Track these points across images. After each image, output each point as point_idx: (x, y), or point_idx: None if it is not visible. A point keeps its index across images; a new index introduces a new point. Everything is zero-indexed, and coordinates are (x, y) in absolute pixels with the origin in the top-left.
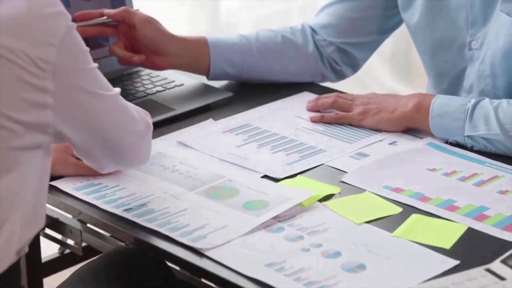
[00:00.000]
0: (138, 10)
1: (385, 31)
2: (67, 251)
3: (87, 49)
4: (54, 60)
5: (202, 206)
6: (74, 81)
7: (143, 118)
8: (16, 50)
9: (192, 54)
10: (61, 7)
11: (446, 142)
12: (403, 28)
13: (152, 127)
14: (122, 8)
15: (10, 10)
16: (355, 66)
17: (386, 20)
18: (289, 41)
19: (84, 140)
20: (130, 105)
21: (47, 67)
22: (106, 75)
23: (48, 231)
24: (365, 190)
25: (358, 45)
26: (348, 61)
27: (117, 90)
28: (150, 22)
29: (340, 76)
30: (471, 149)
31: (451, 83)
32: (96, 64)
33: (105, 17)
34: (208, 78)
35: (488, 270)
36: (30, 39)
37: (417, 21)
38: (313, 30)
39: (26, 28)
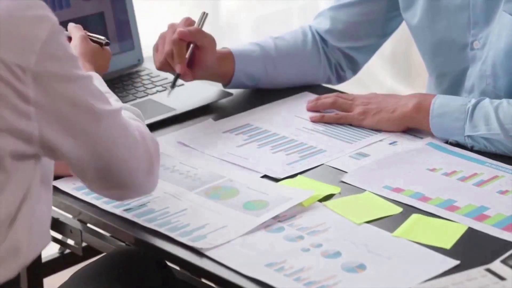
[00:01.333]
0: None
1: (387, 33)
2: (67, 251)
3: (77, 56)
4: (34, 67)
5: (202, 206)
6: (58, 90)
7: (146, 146)
8: None
9: (220, 69)
10: (44, 10)
11: (446, 142)
12: (403, 28)
13: (158, 158)
14: (194, 29)
15: None
16: (356, 70)
17: (388, 22)
18: (305, 52)
19: (76, 156)
20: (133, 126)
21: (26, 75)
22: (106, 75)
23: None
24: (365, 190)
25: (362, 48)
26: (351, 65)
27: (118, 105)
28: (216, 47)
29: (341, 79)
30: (471, 149)
31: (452, 83)
32: (90, 74)
33: None
34: (225, 87)
35: (488, 270)
36: (7, 44)
37: (418, 21)
38: (320, 36)
39: (3, 33)
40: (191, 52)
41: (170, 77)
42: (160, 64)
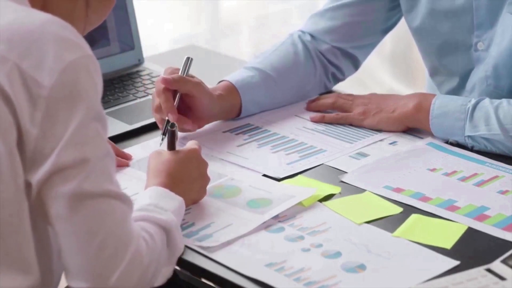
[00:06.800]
0: (193, 77)
1: (388, 29)
2: None
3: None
4: (50, 86)
5: (206, 204)
6: (64, 121)
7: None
8: (7, 60)
9: (227, 109)
10: (78, 38)
11: (446, 142)
12: (403, 28)
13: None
14: (177, 76)
15: (26, 20)
16: (357, 66)
17: (390, 18)
18: (299, 66)
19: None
20: (135, 228)
21: (40, 91)
22: (106, 75)
23: None
24: (365, 190)
25: (364, 46)
26: (352, 63)
27: (128, 197)
28: (206, 90)
29: (339, 80)
30: (471, 149)
31: (457, 84)
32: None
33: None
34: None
35: (488, 270)
36: (31, 55)
37: (420, 23)
38: (316, 38)
39: (29, 44)
40: (178, 99)
41: None
42: (157, 120)
